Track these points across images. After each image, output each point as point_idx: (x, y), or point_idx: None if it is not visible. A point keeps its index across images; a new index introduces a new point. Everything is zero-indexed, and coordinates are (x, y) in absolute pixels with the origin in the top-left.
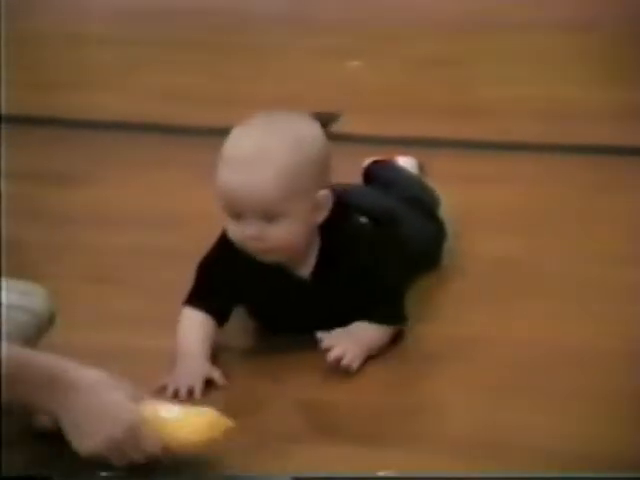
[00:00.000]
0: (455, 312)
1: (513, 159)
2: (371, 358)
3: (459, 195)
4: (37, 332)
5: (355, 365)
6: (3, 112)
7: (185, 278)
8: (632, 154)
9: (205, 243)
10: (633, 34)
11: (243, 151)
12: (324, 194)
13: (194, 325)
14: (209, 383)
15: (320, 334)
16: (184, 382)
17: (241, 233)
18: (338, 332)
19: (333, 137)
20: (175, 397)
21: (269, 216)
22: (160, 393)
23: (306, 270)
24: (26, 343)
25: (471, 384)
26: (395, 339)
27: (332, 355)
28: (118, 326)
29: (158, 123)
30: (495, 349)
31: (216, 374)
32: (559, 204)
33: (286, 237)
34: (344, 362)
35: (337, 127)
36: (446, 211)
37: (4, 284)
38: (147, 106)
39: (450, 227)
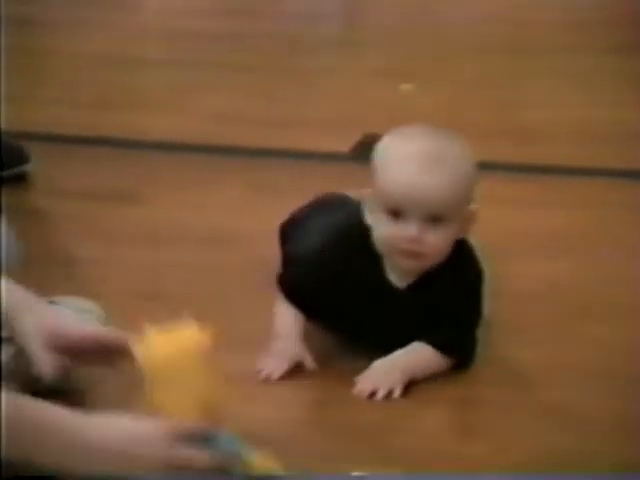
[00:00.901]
0: (503, 335)
1: (557, 182)
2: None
3: (506, 218)
4: None
5: (396, 393)
6: (63, 132)
7: (233, 293)
8: None
9: (253, 260)
10: None
11: (424, 150)
12: (474, 208)
13: (291, 313)
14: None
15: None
16: (277, 368)
17: (399, 232)
18: (372, 371)
19: None
20: (268, 379)
21: (434, 218)
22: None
23: (404, 282)
24: None
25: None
26: None
27: (364, 395)
28: None
29: (210, 144)
30: (544, 372)
31: (308, 358)
32: (600, 228)
33: (441, 244)
34: (379, 396)
35: None
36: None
37: (61, 299)
38: (200, 127)
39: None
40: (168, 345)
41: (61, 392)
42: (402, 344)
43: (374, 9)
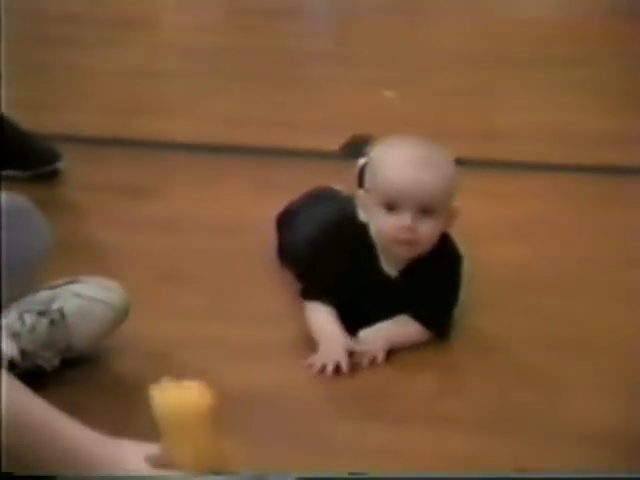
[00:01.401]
0: (476, 311)
1: (526, 177)
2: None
3: (480, 209)
4: (114, 323)
5: (379, 359)
6: (91, 135)
7: (241, 274)
8: (632, 174)
9: (258, 245)
10: (630, 68)
11: (417, 155)
12: (456, 206)
13: (323, 312)
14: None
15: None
16: (331, 358)
17: (395, 222)
18: (368, 336)
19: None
20: (322, 372)
21: (425, 210)
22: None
23: (394, 270)
24: (105, 331)
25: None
26: None
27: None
28: (184, 319)
29: (219, 144)
30: (514, 341)
31: (359, 349)
32: (566, 217)
33: (431, 233)
34: (363, 363)
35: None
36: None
37: (88, 280)
38: (210, 129)
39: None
40: (175, 404)
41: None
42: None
43: (363, 27)
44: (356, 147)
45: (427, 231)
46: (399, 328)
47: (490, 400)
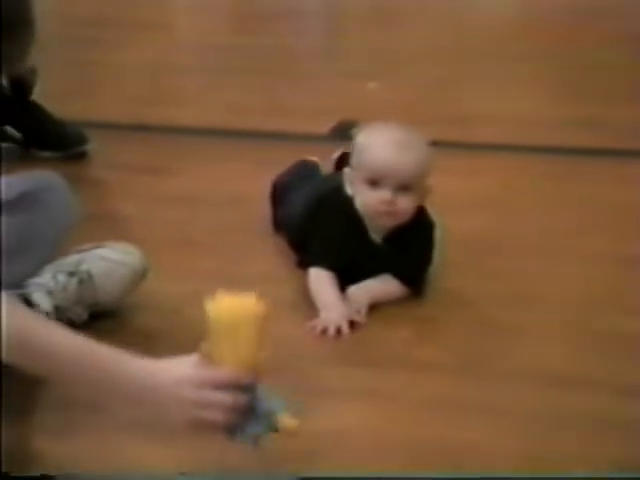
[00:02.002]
0: (446, 271)
1: (490, 156)
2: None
3: (450, 184)
4: (135, 283)
5: (362, 311)
6: (115, 121)
7: (246, 243)
8: (579, 153)
9: (258, 216)
10: (580, 62)
11: (397, 138)
12: (430, 183)
13: (325, 278)
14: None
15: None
16: (333, 322)
17: (378, 197)
18: (355, 292)
19: (352, 139)
20: (324, 334)
21: (403, 187)
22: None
23: (379, 237)
24: (126, 290)
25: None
26: None
27: (331, 332)
28: (194, 279)
29: (224, 129)
30: (478, 299)
31: (357, 316)
32: (523, 191)
33: (408, 206)
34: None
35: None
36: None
37: (112, 245)
38: (217, 116)
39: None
40: (231, 308)
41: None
42: None
43: (349, 27)
44: (343, 130)
45: (405, 204)
46: (382, 285)
47: (459, 348)
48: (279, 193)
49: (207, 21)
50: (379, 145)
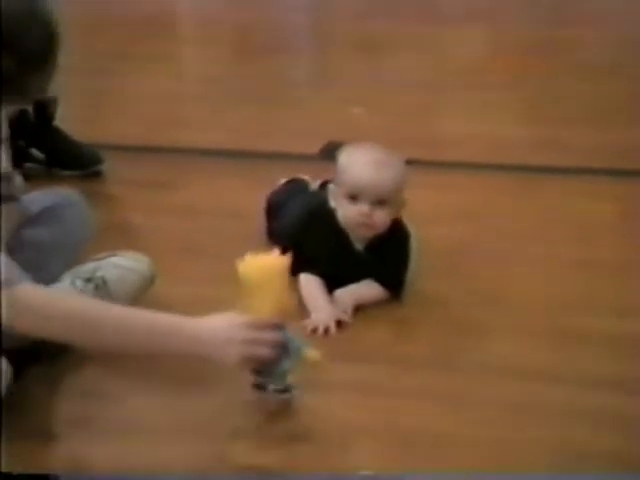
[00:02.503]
0: (422, 276)
1: (462, 174)
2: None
3: (426, 198)
4: (144, 287)
5: (348, 311)
6: (127, 143)
7: (243, 251)
8: (544, 171)
9: (254, 227)
10: (542, 91)
11: (374, 158)
12: (405, 198)
13: (314, 283)
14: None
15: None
16: (322, 323)
17: (357, 210)
18: (341, 295)
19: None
20: (314, 333)
21: (380, 201)
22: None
23: (361, 246)
24: (137, 294)
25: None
26: None
27: (320, 331)
28: (197, 284)
29: (224, 149)
30: (451, 301)
31: (344, 316)
32: (493, 205)
33: (384, 219)
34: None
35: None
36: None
37: (124, 253)
38: (218, 138)
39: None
40: (261, 265)
41: None
42: None
43: (337, 58)
44: (331, 151)
45: (381, 217)
46: (366, 289)
47: (433, 345)
48: (273, 208)
49: (209, 54)
50: (358, 164)
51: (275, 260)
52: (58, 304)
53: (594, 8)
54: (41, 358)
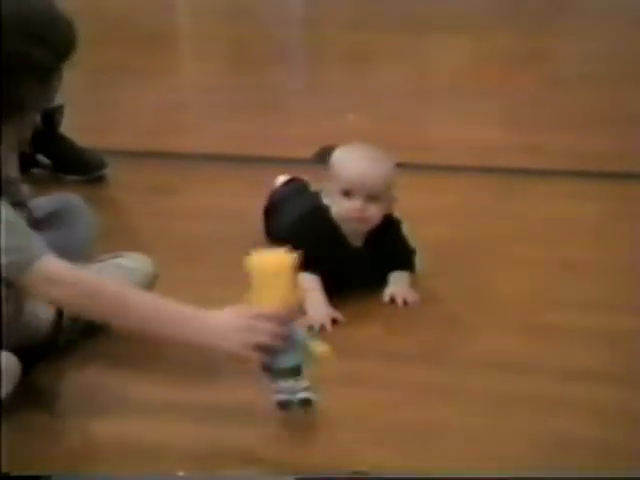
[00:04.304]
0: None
1: (447, 176)
2: None
3: (414, 199)
4: (146, 287)
5: (416, 298)
6: (129, 149)
7: (242, 252)
8: (523, 174)
9: (252, 229)
10: (521, 98)
11: (367, 155)
12: (395, 195)
13: (311, 283)
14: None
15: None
16: (317, 320)
17: (350, 205)
18: (393, 287)
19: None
20: (309, 331)
21: (372, 196)
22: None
23: (358, 243)
24: None
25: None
26: None
27: (399, 303)
28: (197, 284)
29: (223, 154)
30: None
31: (339, 315)
32: (475, 205)
33: (377, 213)
34: (410, 301)
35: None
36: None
37: (127, 255)
38: (216, 144)
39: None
40: (269, 261)
41: None
42: (363, 282)
43: (330, 69)
44: (324, 155)
45: (373, 212)
46: (406, 277)
47: (422, 339)
48: (272, 207)
49: (207, 66)
50: (351, 161)
51: (283, 256)
52: (84, 275)
53: (571, 21)
54: (45, 357)
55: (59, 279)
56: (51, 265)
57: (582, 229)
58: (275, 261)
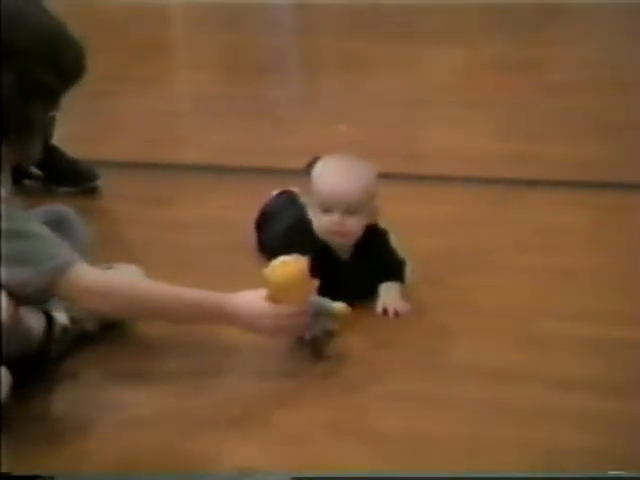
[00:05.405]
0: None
1: (438, 186)
2: None
3: (404, 210)
4: None
5: (407, 308)
6: (122, 160)
7: (235, 263)
8: (516, 184)
9: (245, 240)
10: (514, 107)
11: (343, 169)
12: (376, 205)
13: None
14: None
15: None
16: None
17: (330, 221)
18: (384, 298)
19: None
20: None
21: (351, 211)
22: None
23: (346, 255)
24: None
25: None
26: None
27: (391, 314)
28: None
29: (216, 165)
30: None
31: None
32: (467, 216)
33: (357, 227)
34: (401, 312)
35: None
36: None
37: (119, 265)
38: (210, 155)
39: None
40: (287, 272)
41: None
42: (353, 294)
43: (322, 79)
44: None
45: (353, 225)
46: (397, 287)
47: (408, 349)
48: (263, 219)
49: (201, 75)
50: (327, 177)
51: (298, 264)
52: (117, 281)
53: (565, 29)
54: (42, 365)
55: (95, 289)
56: (84, 273)
57: (577, 238)
58: (292, 271)
